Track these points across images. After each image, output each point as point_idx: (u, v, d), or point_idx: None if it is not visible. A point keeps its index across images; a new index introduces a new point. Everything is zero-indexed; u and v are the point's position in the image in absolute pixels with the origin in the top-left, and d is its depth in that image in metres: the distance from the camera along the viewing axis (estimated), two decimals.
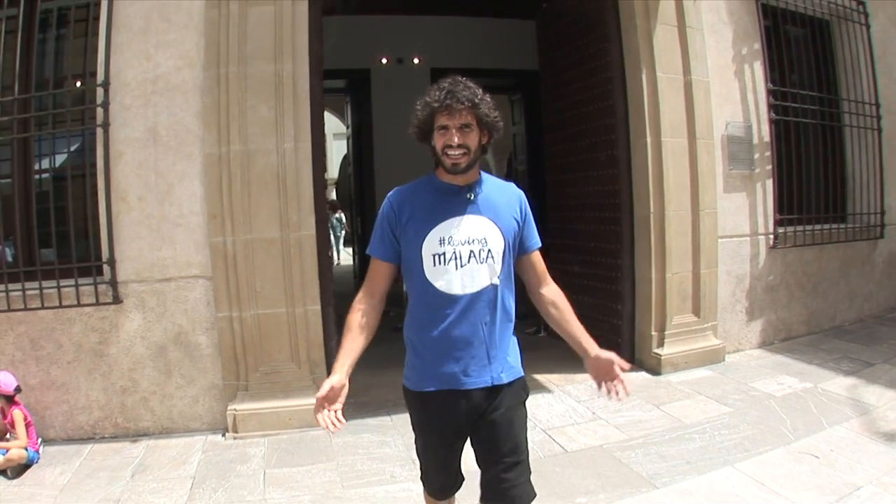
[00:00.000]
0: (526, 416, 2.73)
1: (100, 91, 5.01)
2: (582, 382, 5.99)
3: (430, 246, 2.54)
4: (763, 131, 7.16)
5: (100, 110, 5.01)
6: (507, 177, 11.96)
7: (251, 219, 5.16)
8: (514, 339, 2.75)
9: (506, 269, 2.65)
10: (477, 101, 2.52)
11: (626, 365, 2.66)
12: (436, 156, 2.59)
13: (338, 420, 2.46)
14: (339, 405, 2.48)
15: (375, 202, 11.14)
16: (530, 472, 2.69)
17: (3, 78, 5.16)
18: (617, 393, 2.63)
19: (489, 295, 2.58)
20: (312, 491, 4.18)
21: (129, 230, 5.07)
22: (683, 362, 6.49)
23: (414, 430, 2.75)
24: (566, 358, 5.00)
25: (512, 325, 2.72)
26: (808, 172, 7.84)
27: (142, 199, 5.07)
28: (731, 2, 7.09)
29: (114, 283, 4.99)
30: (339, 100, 13.08)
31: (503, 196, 2.71)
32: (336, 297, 5.70)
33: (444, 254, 2.54)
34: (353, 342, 2.58)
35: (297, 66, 5.21)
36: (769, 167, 7.17)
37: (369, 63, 11.19)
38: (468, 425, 2.62)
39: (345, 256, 17.84)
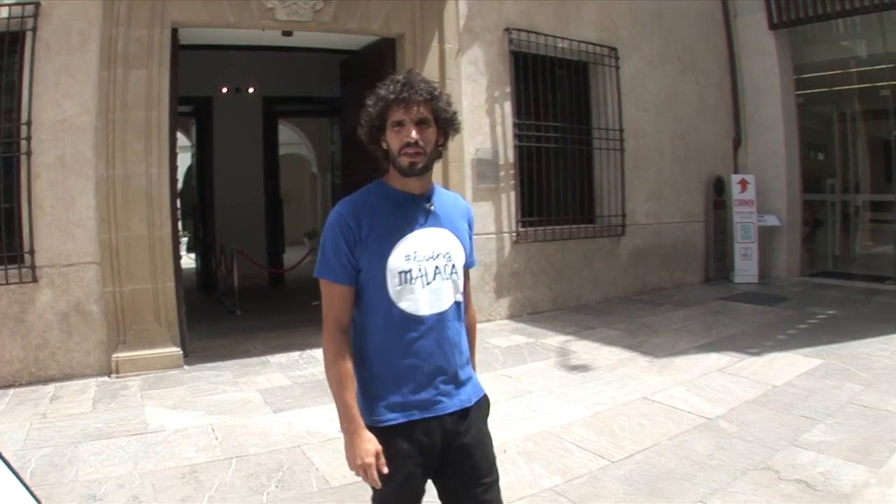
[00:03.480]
0: (491, 441, 2.83)
1: (24, 128, 7.48)
2: None
3: (395, 263, 2.55)
4: (509, 155, 10.50)
5: (24, 142, 7.49)
6: (333, 188, 14.92)
7: (128, 222, 7.93)
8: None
9: (464, 284, 2.78)
10: (436, 93, 2.59)
11: None
12: (389, 158, 2.63)
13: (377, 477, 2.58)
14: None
15: (215, 211, 14.13)
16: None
17: None
18: None
19: (454, 313, 2.68)
20: (173, 400, 6.87)
21: (44, 229, 7.61)
22: None
23: (382, 478, 2.60)
24: None
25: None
26: (558, 184, 11.26)
27: (53, 207, 7.65)
28: (489, 55, 10.35)
29: (33, 267, 7.53)
30: (186, 121, 15.27)
31: (456, 207, 2.81)
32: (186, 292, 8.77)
33: (410, 271, 2.55)
34: (352, 387, 2.62)
35: (161, 113, 8.03)
36: (513, 182, 10.50)
37: (212, 92, 13.94)
38: (440, 455, 2.65)
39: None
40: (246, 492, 4.81)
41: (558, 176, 11.57)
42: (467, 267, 2.85)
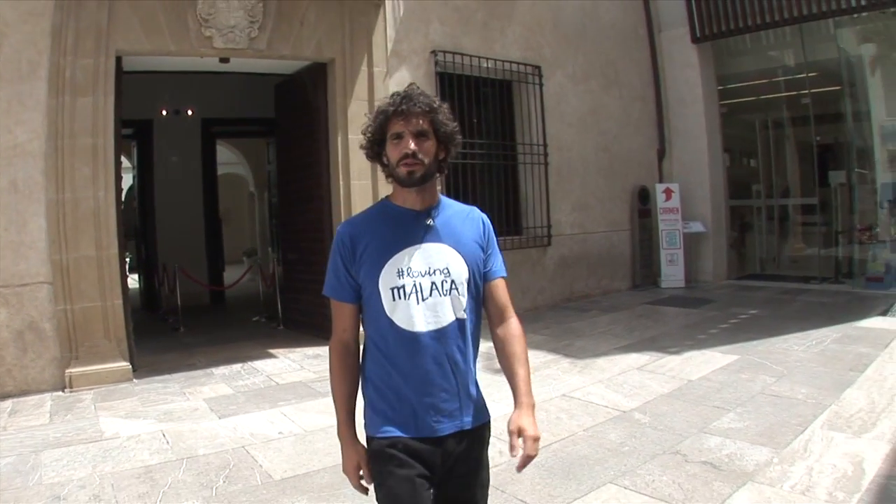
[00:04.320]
0: (488, 468, 2.88)
1: None
2: (297, 351, 10.04)
3: (387, 279, 2.59)
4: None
5: None
6: (270, 207, 15.48)
7: (78, 243, 8.33)
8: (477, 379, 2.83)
9: (471, 301, 2.73)
10: (435, 106, 2.62)
11: (532, 436, 2.65)
12: (390, 172, 2.67)
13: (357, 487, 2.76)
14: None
15: (157, 231, 14.62)
16: None
17: None
18: (512, 450, 2.64)
19: (455, 331, 2.66)
20: (125, 410, 7.34)
21: None
22: None
23: (380, 491, 2.65)
24: (291, 339, 9.81)
25: (476, 363, 2.83)
26: (484, 198, 11.85)
27: (6, 229, 7.98)
28: (416, 76, 11.05)
29: None
30: (126, 143, 14.78)
31: (465, 220, 2.79)
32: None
33: (403, 287, 2.59)
34: (347, 402, 2.74)
35: (107, 139, 8.52)
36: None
37: (152, 114, 14.40)
38: (439, 475, 2.65)
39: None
40: (197, 487, 5.38)
41: (484, 190, 12.27)
42: (493, 276, 2.84)
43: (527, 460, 2.64)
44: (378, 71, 10.64)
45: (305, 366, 9.21)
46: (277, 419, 7.02)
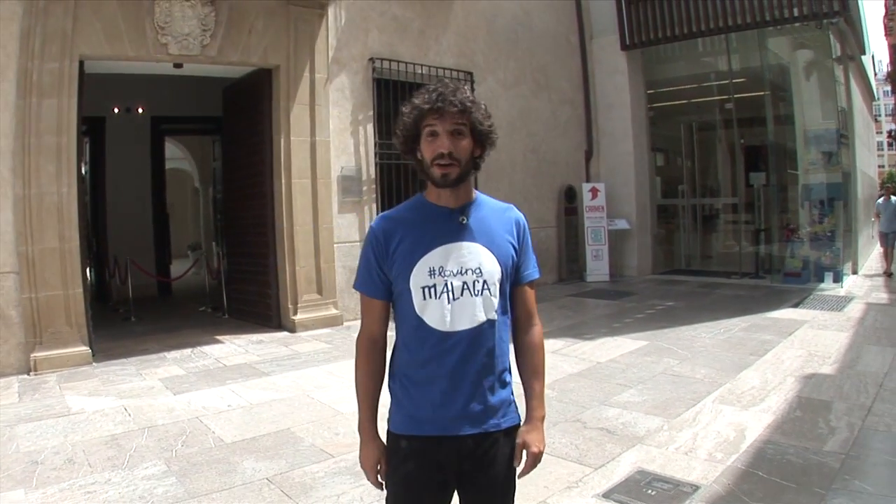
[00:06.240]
0: (515, 472, 2.78)
1: None
2: (242, 337, 10.91)
3: (418, 278, 2.57)
4: (371, 171, 12.12)
5: None
6: (214, 202, 16.04)
7: (43, 235, 8.93)
8: (510, 381, 2.76)
9: (503, 301, 2.68)
10: (470, 104, 2.56)
11: (535, 452, 2.71)
12: (423, 169, 2.62)
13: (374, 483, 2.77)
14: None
15: (108, 227, 15.18)
16: None
17: None
18: (516, 460, 2.73)
19: (486, 332, 2.61)
20: (88, 389, 8.00)
21: None
22: (311, 324, 11.27)
23: (392, 485, 2.71)
24: (236, 327, 10.55)
25: (508, 365, 2.75)
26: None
27: None
28: (354, 82, 11.95)
29: None
30: (80, 139, 14.97)
31: (499, 219, 2.74)
32: None
33: (434, 286, 2.57)
34: (370, 398, 2.74)
35: (70, 139, 9.19)
36: (374, 195, 12.12)
37: (104, 112, 14.94)
38: (458, 477, 2.64)
39: None
40: (159, 450, 6.13)
41: (416, 189, 12.75)
42: (524, 280, 2.80)
43: (530, 469, 2.75)
44: (319, 77, 11.48)
45: (250, 350, 10.02)
46: (227, 395, 7.77)
